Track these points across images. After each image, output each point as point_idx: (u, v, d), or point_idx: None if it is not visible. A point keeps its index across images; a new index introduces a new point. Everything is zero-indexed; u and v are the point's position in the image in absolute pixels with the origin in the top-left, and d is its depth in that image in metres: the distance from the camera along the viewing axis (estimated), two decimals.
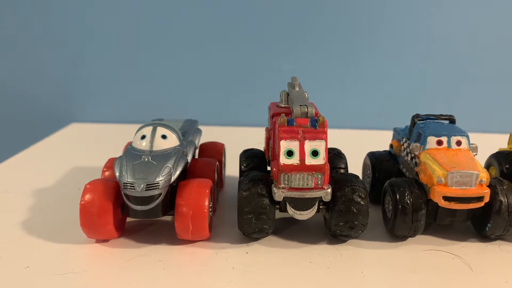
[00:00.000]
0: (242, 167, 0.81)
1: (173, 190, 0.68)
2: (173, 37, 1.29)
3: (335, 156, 0.80)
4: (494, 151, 0.83)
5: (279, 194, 0.64)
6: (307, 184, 0.63)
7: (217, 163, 0.81)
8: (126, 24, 1.28)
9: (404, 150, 0.79)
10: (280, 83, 0.86)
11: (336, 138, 0.86)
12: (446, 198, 0.64)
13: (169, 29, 1.28)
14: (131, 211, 0.66)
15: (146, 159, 0.66)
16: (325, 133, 0.65)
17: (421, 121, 0.77)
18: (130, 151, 0.69)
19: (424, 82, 1.30)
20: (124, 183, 0.64)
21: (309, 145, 0.64)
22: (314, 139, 0.64)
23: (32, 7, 1.27)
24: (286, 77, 0.81)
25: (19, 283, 0.59)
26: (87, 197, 0.65)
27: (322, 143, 0.64)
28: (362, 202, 0.65)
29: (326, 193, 0.64)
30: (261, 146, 0.87)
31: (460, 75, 1.29)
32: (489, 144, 0.86)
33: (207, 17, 1.27)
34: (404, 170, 0.79)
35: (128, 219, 0.72)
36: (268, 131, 0.81)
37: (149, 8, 1.27)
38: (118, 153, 0.78)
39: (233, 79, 1.32)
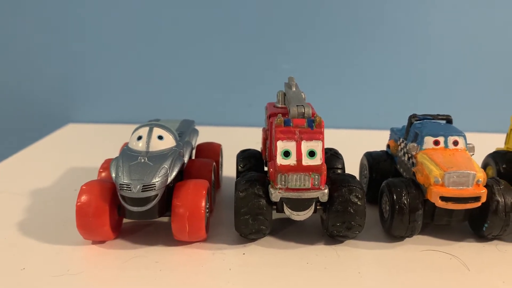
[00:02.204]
0: (239, 167, 0.80)
1: (169, 191, 0.68)
2: (171, 37, 1.28)
3: (332, 157, 0.80)
4: (491, 151, 0.83)
5: (276, 195, 0.64)
6: (304, 185, 0.63)
7: (214, 163, 0.81)
8: (123, 24, 1.28)
9: (401, 150, 0.79)
10: (279, 83, 0.85)
11: (333, 138, 0.86)
12: (443, 198, 0.64)
13: (167, 29, 1.28)
14: (127, 212, 0.66)
15: (143, 160, 0.66)
16: (322, 133, 0.65)
17: (418, 121, 0.77)
18: (127, 152, 0.69)
19: (421, 82, 1.30)
20: (120, 184, 0.63)
21: (306, 146, 0.64)
22: (311, 139, 0.64)
23: (29, 8, 1.27)
24: (285, 77, 0.81)
25: (15, 284, 0.59)
26: (83, 198, 0.65)
27: (319, 143, 0.64)
28: (359, 203, 0.65)
29: (323, 193, 0.64)
30: (258, 146, 0.87)
31: (457, 75, 1.29)
32: (486, 144, 0.86)
33: (205, 17, 1.27)
34: (401, 170, 0.79)
35: (125, 220, 0.72)
36: (265, 131, 0.81)
37: (147, 8, 1.27)
38: (115, 154, 0.77)
39: (230, 79, 1.31)
